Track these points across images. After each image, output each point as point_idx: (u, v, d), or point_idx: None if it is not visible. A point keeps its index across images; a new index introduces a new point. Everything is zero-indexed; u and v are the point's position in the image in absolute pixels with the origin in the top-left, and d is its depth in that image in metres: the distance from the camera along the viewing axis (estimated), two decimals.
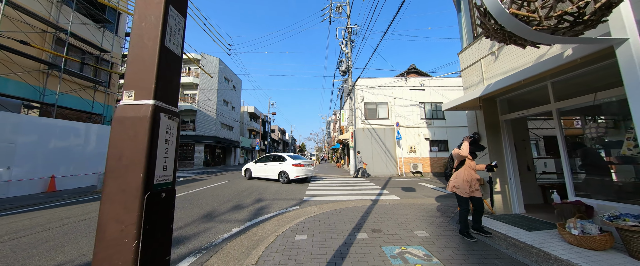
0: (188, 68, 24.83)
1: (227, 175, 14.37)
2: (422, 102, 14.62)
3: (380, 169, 13.67)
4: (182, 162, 22.73)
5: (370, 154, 13.86)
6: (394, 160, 13.83)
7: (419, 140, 14.14)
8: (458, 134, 14.22)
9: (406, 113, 14.41)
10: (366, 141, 14.02)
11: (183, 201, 6.07)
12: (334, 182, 10.34)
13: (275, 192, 7.74)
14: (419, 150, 14.02)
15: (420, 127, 14.29)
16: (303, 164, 10.15)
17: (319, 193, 7.52)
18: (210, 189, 8.26)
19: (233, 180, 11.37)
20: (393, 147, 14.01)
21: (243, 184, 9.67)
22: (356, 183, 10.09)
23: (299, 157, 10.79)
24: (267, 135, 47.40)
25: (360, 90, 14.60)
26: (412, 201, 6.09)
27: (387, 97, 14.59)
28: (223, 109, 26.75)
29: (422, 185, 9.42)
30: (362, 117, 14.33)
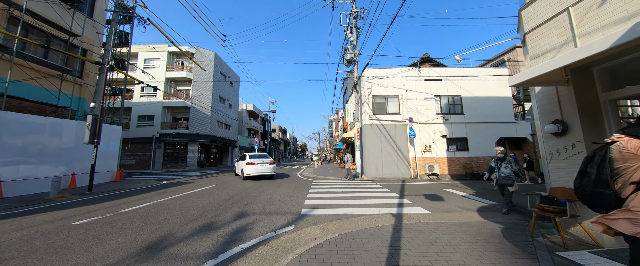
0: (181, 63, 23.34)
1: (218, 177, 12.80)
2: (437, 94, 12.94)
3: (391, 171, 12.02)
4: (174, 162, 21.24)
5: (379, 154, 12.21)
6: (407, 161, 12.17)
7: (435, 137, 12.46)
8: (479, 131, 12.53)
9: (420, 107, 12.74)
10: (374, 139, 12.38)
11: (136, 218, 4.48)
12: (339, 186, 8.73)
13: (267, 201, 6.13)
14: (435, 149, 12.35)
15: (435, 122, 12.62)
16: (254, 163, 10.76)
17: (321, 202, 5.90)
18: (186, 197, 6.67)
19: (222, 183, 9.78)
20: (405, 145, 12.35)
21: (231, 189, 8.08)
22: (365, 187, 8.46)
23: (257, 156, 11.40)
24: (267, 135, 45.91)
25: (367, 82, 12.96)
26: (449, 217, 4.45)
27: (397, 89, 12.93)
28: (219, 106, 25.24)
29: (447, 191, 7.76)
30: (370, 111, 12.69)
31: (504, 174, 4.87)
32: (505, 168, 4.91)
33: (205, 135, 22.35)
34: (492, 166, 5.21)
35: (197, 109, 22.19)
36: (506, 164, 4.94)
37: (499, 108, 12.80)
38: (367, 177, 12.02)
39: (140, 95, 21.89)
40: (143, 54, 22.26)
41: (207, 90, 23.13)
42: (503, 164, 4.98)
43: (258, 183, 9.68)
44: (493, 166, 5.19)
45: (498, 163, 5.08)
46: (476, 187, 8.66)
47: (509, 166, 4.90)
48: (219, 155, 27.67)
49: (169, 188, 8.75)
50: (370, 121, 12.61)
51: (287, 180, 11.21)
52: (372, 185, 9.13)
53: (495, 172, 5.09)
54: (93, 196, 7.13)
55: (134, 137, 20.99)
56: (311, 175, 13.80)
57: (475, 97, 12.88)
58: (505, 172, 4.88)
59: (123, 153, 20.94)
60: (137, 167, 20.79)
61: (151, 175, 14.92)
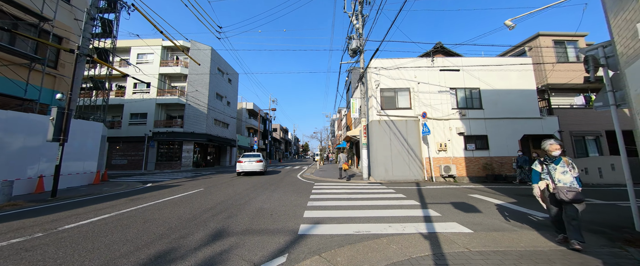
0: (176, 58, 22.23)
1: (210, 179, 11.60)
2: (453, 87, 11.62)
3: (402, 172, 10.73)
4: (168, 163, 20.12)
5: (388, 153, 10.93)
6: (419, 161, 10.87)
7: (451, 135, 11.15)
8: (501, 128, 11.20)
9: (433, 101, 11.44)
10: (383, 137, 11.10)
11: (70, 241, 3.27)
12: (345, 191, 7.47)
13: (256, 211, 4.89)
14: (451, 147, 11.04)
15: (451, 118, 11.30)
16: (243, 161, 12.90)
17: (325, 214, 4.65)
18: (160, 206, 5.46)
19: (211, 187, 8.57)
20: (417, 144, 11.05)
21: (218, 195, 6.86)
22: (376, 192, 7.20)
23: (249, 155, 13.49)
24: (267, 134, 44.79)
25: (374, 74, 11.68)
26: (504, 240, 3.17)
27: (408, 81, 11.64)
28: (216, 104, 24.10)
29: (475, 198, 6.46)
30: (378, 106, 11.41)
31: (565, 184, 2.91)
32: (563, 174, 2.95)
33: (201, 134, 21.21)
34: (537, 170, 3.24)
35: (193, 106, 21.06)
36: (564, 167, 2.97)
37: (523, 102, 11.46)
38: (376, 179, 10.75)
39: (132, 91, 20.80)
40: (136, 48, 21.18)
41: (203, 86, 21.99)
42: (558, 167, 3.00)
43: (251, 187, 8.46)
44: (539, 170, 3.21)
45: (546, 165, 3.12)
46: (507, 192, 7.35)
47: (569, 170, 2.96)
48: (217, 155, 26.53)
49: (149, 192, 7.55)
50: (378, 117, 11.33)
51: (285, 182, 9.98)
52: (383, 189, 7.86)
53: (546, 179, 3.10)
54: (52, 203, 5.95)
55: (126, 136, 19.91)
56: (312, 176, 12.56)
57: (495, 90, 11.54)
58: (565, 179, 2.92)
59: (114, 153, 19.89)
60: (129, 168, 19.71)
61: (141, 177, 13.79)
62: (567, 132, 11.81)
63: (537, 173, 3.24)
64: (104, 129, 11.49)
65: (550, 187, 3.03)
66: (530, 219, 4.39)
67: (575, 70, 12.47)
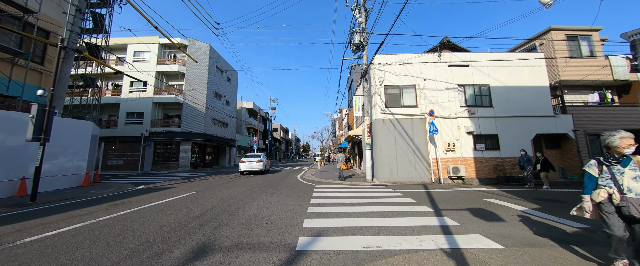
0: (173, 55, 21.74)
1: (207, 180, 11.06)
2: (461, 84, 11.03)
3: (408, 173, 10.15)
4: (165, 163, 19.62)
5: (393, 154, 10.35)
6: (426, 162, 10.29)
7: (459, 134, 10.57)
8: (512, 127, 10.61)
9: (440, 99, 10.85)
10: (388, 136, 10.52)
11: (19, 259, 2.72)
12: (349, 194, 6.91)
13: (250, 219, 4.34)
14: (459, 147, 10.45)
15: (459, 117, 10.72)
16: (244, 161, 14.01)
17: (328, 224, 4.10)
18: (143, 213, 4.92)
19: (205, 189, 8.03)
20: (424, 143, 10.47)
21: (210, 199, 6.31)
22: (382, 196, 6.64)
23: (250, 156, 14.77)
24: (268, 134, 44.30)
25: (378, 70, 11.11)
26: (545, 259, 2.61)
27: (414, 78, 11.06)
28: (215, 103, 23.59)
29: (493, 203, 5.89)
30: (382, 104, 10.84)
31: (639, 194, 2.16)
32: (636, 180, 2.19)
33: (199, 134, 20.70)
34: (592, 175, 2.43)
35: (191, 105, 20.55)
36: (637, 170, 2.22)
37: (535, 99, 10.86)
38: (380, 180, 10.18)
39: (129, 90, 20.32)
40: (132, 46, 20.70)
41: (201, 85, 21.48)
42: (627, 169, 2.24)
43: (248, 190, 7.92)
44: (595, 174, 2.42)
45: (609, 166, 2.33)
46: (525, 196, 6.76)
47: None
48: (216, 156, 26.02)
49: (138, 196, 7.02)
50: (382, 115, 10.76)
51: (285, 184, 9.43)
52: (389, 192, 7.29)
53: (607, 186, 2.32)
54: (28, 209, 5.43)
55: (122, 136, 19.42)
56: (313, 178, 12.01)
57: (506, 87, 10.95)
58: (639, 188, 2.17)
59: (110, 153, 19.42)
60: (126, 168, 19.22)
61: (136, 178, 13.27)
62: (582, 131, 11.20)
63: (593, 179, 2.42)
64: (95, 128, 10.98)
65: (616, 198, 2.23)
66: (564, 230, 3.81)
67: (590, 65, 11.86)
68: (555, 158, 11.28)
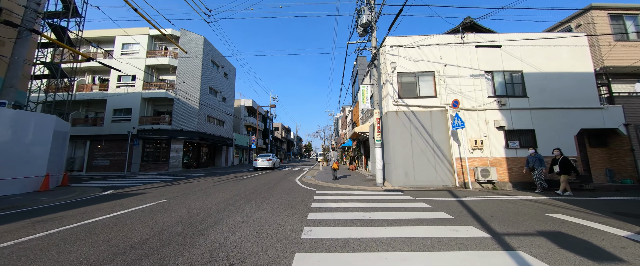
0: (164, 48, 20.31)
1: (191, 184, 9.52)
2: (488, 70, 9.33)
3: (427, 176, 8.49)
4: (154, 163, 18.16)
5: (408, 153, 8.70)
6: (448, 162, 8.62)
7: (487, 129, 8.87)
8: (551, 120, 8.88)
9: (464, 88, 9.17)
10: (402, 132, 8.87)
11: None
12: (358, 205, 5.29)
13: (209, 253, 2.73)
14: (488, 145, 8.76)
15: (487, 109, 9.02)
16: (258, 159, 17.27)
17: (332, 261, 2.46)
18: (71, 234, 3.35)
19: (180, 196, 6.46)
20: (446, 140, 8.80)
21: (177, 211, 4.73)
22: (402, 206, 5.01)
23: (263, 156, 17.79)
24: (268, 133, 42.83)
25: (390, 55, 9.46)
26: None
27: (432, 63, 9.39)
28: (210, 99, 22.12)
29: (567, 221, 4.21)
30: (395, 94, 9.19)
31: None
32: None
33: (192, 132, 19.22)
34: None
35: (182, 101, 19.09)
36: None
37: (577, 88, 9.12)
38: (393, 184, 8.53)
39: (116, 85, 18.92)
40: (121, 38, 19.31)
41: (194, 79, 20.01)
42: None
43: (231, 197, 6.34)
44: None
45: None
46: (600, 209, 5.06)
47: None
48: (211, 155, 24.55)
49: (94, 205, 5.51)
50: (395, 107, 9.11)
51: (279, 189, 7.83)
52: (411, 202, 5.64)
53: None
54: None
55: (109, 134, 18.03)
56: (314, 181, 10.40)
57: (542, 74, 9.22)
58: None
59: (96, 152, 18.04)
60: (113, 169, 17.82)
61: (116, 180, 11.80)
62: (632, 126, 9.42)
63: None
64: (61, 123, 9.50)
65: None
66: None
67: (637, 48, 10.05)
68: (601, 158, 9.52)
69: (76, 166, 18.04)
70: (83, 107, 19.68)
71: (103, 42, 20.25)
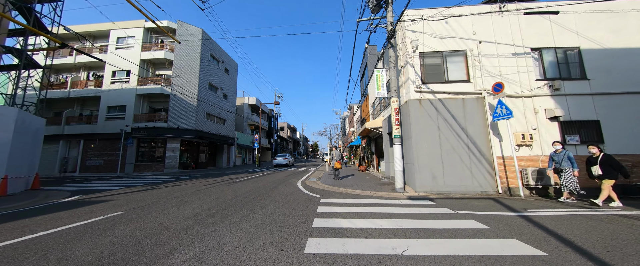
0: (161, 41, 19.21)
1: (175, 188, 8.11)
2: (536, 48, 7.48)
3: (460, 180, 6.75)
4: (149, 164, 17.03)
5: (436, 150, 6.98)
6: (487, 162, 6.84)
7: (536, 120, 7.03)
8: (622, 108, 6.95)
9: (505, 69, 7.36)
10: (428, 125, 7.15)
11: None
12: (377, 224, 3.67)
13: None
14: (539, 141, 6.92)
15: (536, 95, 7.17)
16: (276, 158, 21.13)
17: None
18: None
19: (139, 210, 5.01)
20: (483, 135, 7.02)
21: (112, 237, 3.24)
22: (443, 225, 3.38)
23: (281, 155, 21.63)
24: (273, 132, 41.57)
25: (411, 31, 7.76)
26: None
27: (463, 40, 7.62)
28: (209, 95, 20.90)
29: None
30: (417, 79, 7.48)
31: None
32: None
33: (190, 130, 18.01)
34: None
35: (179, 97, 17.90)
36: None
37: None
38: (418, 190, 6.82)
39: (110, 81, 17.93)
40: (115, 32, 18.32)
41: (192, 74, 18.81)
42: None
43: (206, 210, 4.83)
44: None
45: None
46: None
47: None
48: (212, 155, 23.36)
49: (36, 217, 4.18)
50: (418, 94, 7.40)
51: (276, 195, 6.28)
52: (449, 215, 3.96)
53: None
54: None
55: (103, 133, 17.04)
56: (318, 184, 8.80)
57: (606, 50, 7.30)
58: None
59: (89, 152, 17.07)
60: (106, 170, 16.81)
61: (100, 182, 10.60)
62: None
63: None
64: (31, 118, 8.30)
65: None
66: None
67: None
68: None
69: (69, 167, 17.14)
70: (78, 104, 18.83)
71: (98, 36, 19.36)
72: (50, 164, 16.92)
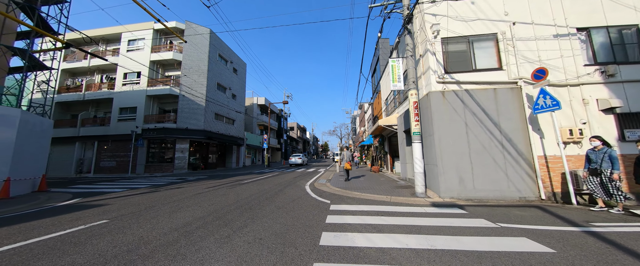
0: (170, 42, 19.24)
1: (178, 191, 7.69)
2: (583, 27, 6.35)
3: (493, 184, 5.79)
4: (159, 165, 17.01)
5: (464, 149, 6.05)
6: (526, 163, 5.82)
7: (586, 113, 5.92)
8: None
9: (545, 54, 6.30)
10: (453, 119, 6.24)
11: None
12: (404, 236, 2.90)
13: None
14: (589, 137, 5.80)
15: (584, 83, 6.06)
16: (291, 158, 23.56)
17: None
18: None
19: (128, 217, 4.52)
20: (520, 131, 6.00)
21: (94, 247, 2.68)
22: (488, 246, 2.56)
23: (295, 155, 23.91)
24: (282, 132, 41.29)
25: (431, 15, 6.87)
26: None
27: (493, 23, 6.63)
28: (218, 96, 20.75)
29: None
30: (439, 68, 6.57)
31: None
32: None
33: (198, 130, 17.87)
34: None
35: (188, 98, 17.81)
36: None
37: None
38: (442, 195, 5.92)
39: (122, 83, 18.15)
40: (127, 35, 18.55)
41: (200, 74, 18.69)
42: None
43: (199, 219, 4.25)
44: None
45: None
46: None
47: None
48: (221, 156, 23.24)
49: (22, 223, 3.76)
50: (440, 85, 6.49)
51: (281, 200, 5.63)
52: (493, 231, 3.12)
53: None
54: None
55: (115, 134, 17.24)
56: (328, 186, 8.08)
57: None
58: None
59: (102, 153, 17.33)
60: (119, 171, 16.99)
61: (109, 183, 10.48)
62: None
63: None
64: (37, 120, 8.20)
65: None
66: None
67: None
68: None
69: (85, 168, 17.50)
70: (92, 106, 19.25)
71: (111, 40, 19.73)
72: (66, 165, 17.35)
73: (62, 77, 19.33)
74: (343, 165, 9.83)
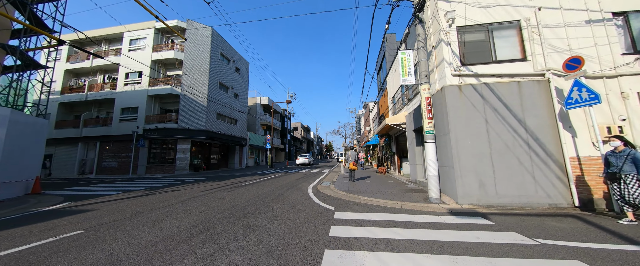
0: (171, 41, 18.99)
1: (173, 194, 7.26)
2: (619, 12, 5.63)
3: (518, 189, 5.14)
4: (160, 165, 16.74)
5: (484, 150, 5.41)
6: (557, 165, 5.14)
7: (625, 108, 5.21)
8: None
9: (576, 42, 5.60)
10: (470, 116, 5.60)
11: None
12: (423, 256, 2.32)
13: None
14: (632, 135, 5.09)
15: (623, 74, 5.33)
16: (298, 158, 24.81)
17: None
18: None
19: (109, 226, 4.05)
20: (549, 128, 5.32)
21: (67, 258, 2.21)
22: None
23: (303, 155, 25.09)
24: (286, 132, 40.90)
25: (444, 1, 6.23)
26: None
27: (515, 8, 5.96)
28: (220, 95, 20.43)
29: None
30: (454, 60, 5.94)
31: None
32: None
33: (200, 130, 17.55)
34: None
35: (189, 97, 17.50)
36: None
37: None
38: (459, 201, 5.29)
39: (124, 83, 17.98)
40: (129, 34, 18.37)
41: (202, 73, 18.37)
42: None
43: (185, 230, 3.75)
44: None
45: None
46: None
47: None
48: (224, 156, 22.93)
49: None
50: (456, 79, 5.86)
51: (280, 205, 5.11)
52: (534, 251, 2.49)
53: None
54: None
55: (117, 135, 17.07)
56: (333, 190, 7.52)
57: None
58: None
59: (104, 154, 17.17)
60: (120, 171, 16.81)
61: (106, 185, 10.17)
62: None
63: None
64: (29, 119, 7.90)
65: None
66: None
67: None
68: None
69: (87, 168, 17.39)
70: (95, 107, 19.17)
71: (113, 40, 19.62)
72: (69, 166, 17.27)
73: (66, 78, 19.32)
74: (348, 165, 9.36)
